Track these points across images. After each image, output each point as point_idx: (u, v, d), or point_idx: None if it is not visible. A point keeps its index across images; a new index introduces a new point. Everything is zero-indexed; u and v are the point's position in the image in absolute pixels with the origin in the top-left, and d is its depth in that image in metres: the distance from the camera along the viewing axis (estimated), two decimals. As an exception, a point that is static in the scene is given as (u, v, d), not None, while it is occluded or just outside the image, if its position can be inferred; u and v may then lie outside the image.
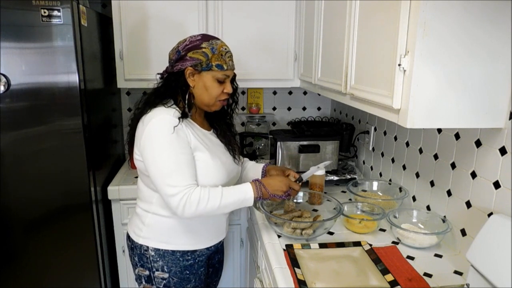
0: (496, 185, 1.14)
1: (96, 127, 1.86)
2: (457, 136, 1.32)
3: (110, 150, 2.17)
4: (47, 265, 1.78)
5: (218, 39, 1.30)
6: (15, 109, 1.60)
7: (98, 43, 1.94)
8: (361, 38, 1.26)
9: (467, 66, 0.99)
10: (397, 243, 1.36)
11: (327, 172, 1.83)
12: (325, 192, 1.72)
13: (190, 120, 1.31)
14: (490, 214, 1.16)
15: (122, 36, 1.96)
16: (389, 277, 1.14)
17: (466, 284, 1.03)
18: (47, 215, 1.73)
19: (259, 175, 1.52)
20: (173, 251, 1.33)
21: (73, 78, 1.61)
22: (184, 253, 1.35)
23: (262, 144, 2.40)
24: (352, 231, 1.45)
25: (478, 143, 1.22)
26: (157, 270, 1.34)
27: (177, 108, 1.27)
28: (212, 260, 1.53)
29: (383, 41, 1.10)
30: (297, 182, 1.41)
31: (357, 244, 1.34)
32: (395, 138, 1.73)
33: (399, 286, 1.09)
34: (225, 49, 1.29)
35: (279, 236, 1.41)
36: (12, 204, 1.69)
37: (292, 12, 2.06)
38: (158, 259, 1.33)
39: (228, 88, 1.31)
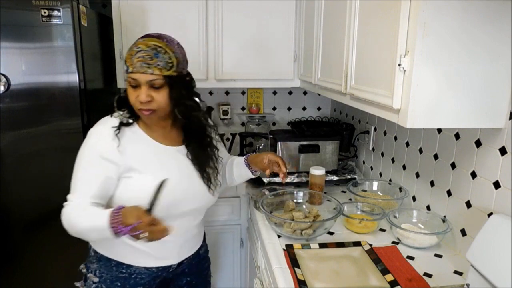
0: (496, 185, 1.14)
1: (96, 127, 1.85)
2: (457, 136, 1.32)
3: (110, 150, 2.17)
4: (46, 265, 1.78)
5: (148, 36, 1.09)
6: (15, 109, 1.60)
7: (98, 43, 1.94)
8: (361, 38, 1.26)
9: (467, 66, 1.00)
10: (397, 243, 1.36)
11: (327, 172, 1.83)
12: (325, 192, 1.72)
13: (142, 132, 1.17)
14: (490, 214, 1.16)
15: (122, 36, 1.96)
16: (389, 277, 1.14)
17: (466, 284, 1.03)
18: (47, 215, 1.73)
19: (243, 168, 1.39)
20: (109, 258, 1.23)
21: (73, 78, 1.61)
22: (119, 263, 1.23)
23: (262, 144, 2.40)
24: (352, 231, 1.45)
25: (478, 143, 1.22)
26: (91, 272, 1.26)
27: (123, 116, 1.16)
28: (176, 281, 1.36)
29: (383, 41, 1.10)
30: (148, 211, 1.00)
31: (357, 244, 1.34)
32: (395, 138, 1.73)
33: (399, 286, 1.10)
34: (139, 48, 1.06)
35: (279, 236, 1.40)
36: (12, 204, 1.69)
37: (292, 12, 2.05)
38: (94, 261, 1.26)
39: (141, 96, 1.07)
